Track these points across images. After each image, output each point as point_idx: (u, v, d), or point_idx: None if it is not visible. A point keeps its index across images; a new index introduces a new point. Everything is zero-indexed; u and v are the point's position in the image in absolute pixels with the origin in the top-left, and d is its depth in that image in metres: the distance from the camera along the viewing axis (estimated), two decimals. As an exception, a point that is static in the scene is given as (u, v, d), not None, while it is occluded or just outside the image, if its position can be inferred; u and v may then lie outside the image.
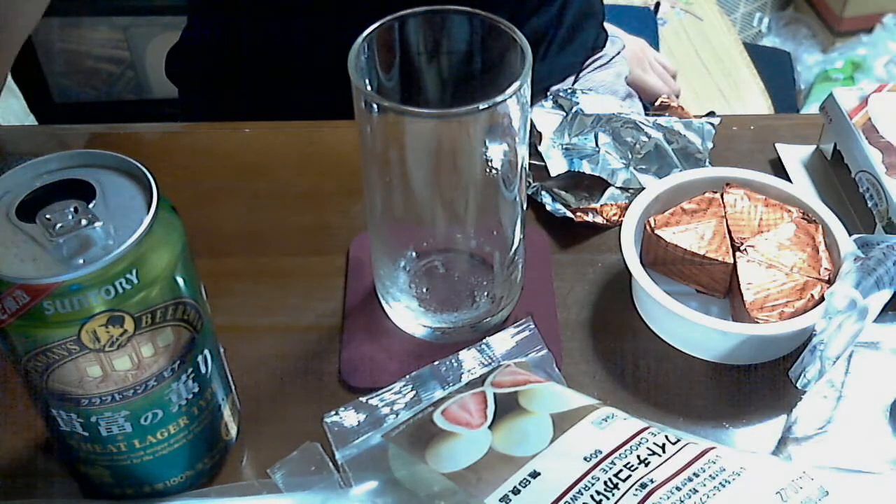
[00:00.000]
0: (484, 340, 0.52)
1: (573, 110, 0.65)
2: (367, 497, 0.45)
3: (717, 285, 0.55)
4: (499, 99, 0.44)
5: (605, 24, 0.95)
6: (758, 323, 0.51)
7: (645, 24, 1.31)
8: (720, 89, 1.46)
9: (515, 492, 0.40)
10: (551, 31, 0.86)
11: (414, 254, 0.55)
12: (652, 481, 0.40)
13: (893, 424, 0.50)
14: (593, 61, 0.92)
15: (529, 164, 0.63)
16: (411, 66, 0.50)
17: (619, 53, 0.94)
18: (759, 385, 0.53)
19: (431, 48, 0.50)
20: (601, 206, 0.62)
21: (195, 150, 0.70)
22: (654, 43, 1.26)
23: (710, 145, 0.65)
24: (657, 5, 1.37)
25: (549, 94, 0.68)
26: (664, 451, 0.41)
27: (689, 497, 0.39)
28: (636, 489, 0.39)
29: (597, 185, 0.63)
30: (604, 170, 0.62)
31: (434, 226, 0.53)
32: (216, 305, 0.45)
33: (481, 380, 0.47)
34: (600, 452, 0.41)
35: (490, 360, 0.51)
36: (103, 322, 0.38)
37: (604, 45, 0.93)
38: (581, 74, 0.91)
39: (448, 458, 0.43)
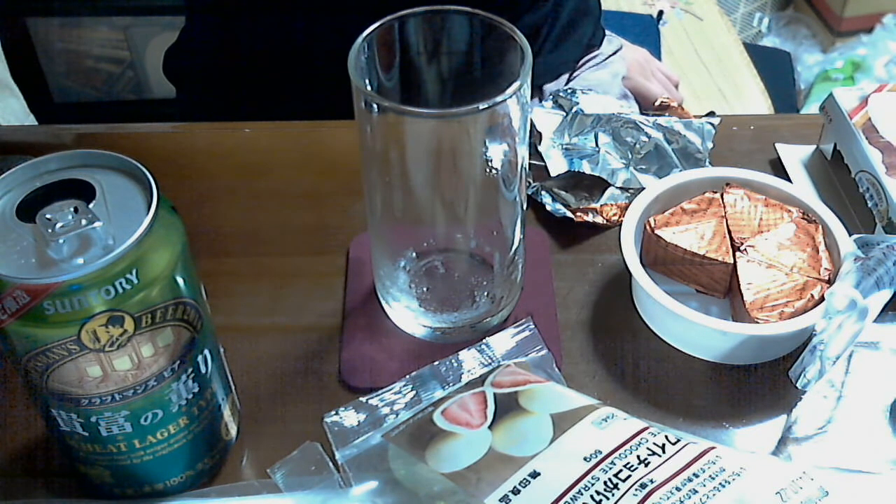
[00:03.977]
0: (484, 340, 0.52)
1: (573, 110, 0.65)
2: (367, 497, 0.45)
3: (717, 285, 0.55)
4: (499, 99, 0.44)
5: (608, 33, 0.94)
6: (758, 323, 0.51)
7: (647, 32, 1.31)
8: (720, 89, 1.46)
9: (515, 492, 0.40)
10: (546, 28, 0.86)
11: (414, 254, 0.55)
12: (652, 481, 0.40)
13: (893, 424, 0.50)
14: (588, 60, 0.91)
15: (529, 164, 0.63)
16: (411, 66, 0.50)
17: (615, 53, 0.94)
18: (759, 385, 0.53)
19: (431, 48, 0.50)
20: (601, 206, 0.62)
21: (195, 150, 0.70)
22: (657, 51, 1.25)
23: (710, 145, 0.65)
24: (660, 13, 1.37)
25: (549, 94, 0.68)
26: (664, 452, 0.41)
27: (689, 497, 0.39)
28: (636, 489, 0.39)
29: (597, 185, 0.63)
30: (604, 170, 0.62)
31: (434, 226, 0.53)
32: (216, 305, 0.45)
33: (481, 380, 0.47)
34: (600, 452, 0.41)
35: (490, 360, 0.51)
36: (103, 322, 0.38)
37: (600, 44, 0.92)
38: (576, 73, 0.90)
39: (448, 458, 0.43)
